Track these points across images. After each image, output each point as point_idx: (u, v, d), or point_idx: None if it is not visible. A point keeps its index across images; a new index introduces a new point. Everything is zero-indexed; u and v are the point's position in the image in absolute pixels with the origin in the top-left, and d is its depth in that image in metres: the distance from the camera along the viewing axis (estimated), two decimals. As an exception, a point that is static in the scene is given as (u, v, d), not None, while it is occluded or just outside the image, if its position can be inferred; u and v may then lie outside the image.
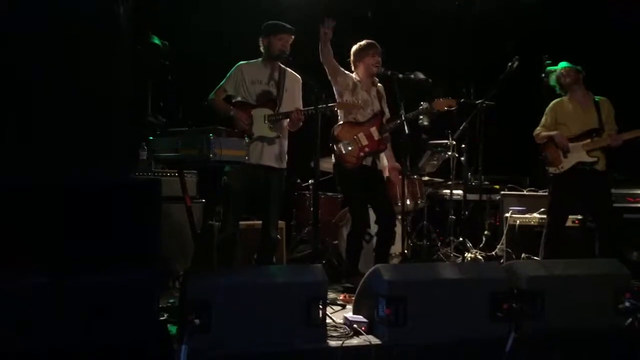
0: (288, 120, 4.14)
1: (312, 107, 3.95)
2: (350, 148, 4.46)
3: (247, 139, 3.64)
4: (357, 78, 4.57)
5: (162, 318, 3.18)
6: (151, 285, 2.83)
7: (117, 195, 2.82)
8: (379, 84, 4.64)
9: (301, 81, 4.26)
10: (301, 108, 4.18)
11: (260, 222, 4.31)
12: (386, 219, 4.58)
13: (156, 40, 4.82)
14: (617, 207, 5.34)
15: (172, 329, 3.07)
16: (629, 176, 5.73)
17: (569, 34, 6.42)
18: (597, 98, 4.78)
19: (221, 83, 4.16)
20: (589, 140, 4.68)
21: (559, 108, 4.88)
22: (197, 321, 2.73)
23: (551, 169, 4.85)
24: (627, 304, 3.45)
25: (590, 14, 6.44)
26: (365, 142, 4.47)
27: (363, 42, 4.54)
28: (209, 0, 5.58)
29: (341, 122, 4.53)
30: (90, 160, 2.84)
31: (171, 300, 3.54)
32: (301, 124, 4.16)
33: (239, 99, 4.12)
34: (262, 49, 4.18)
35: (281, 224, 4.99)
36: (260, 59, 4.21)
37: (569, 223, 5.13)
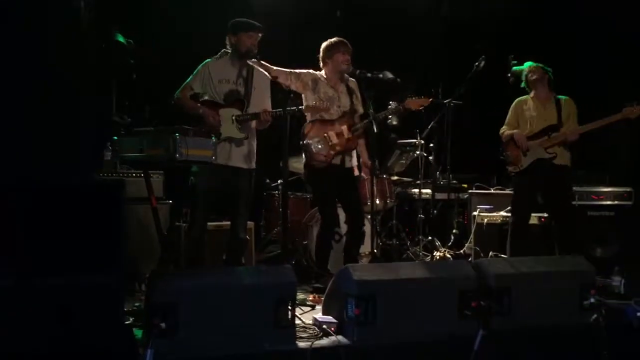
0: (255, 121, 4.10)
1: (280, 109, 3.93)
2: (320, 147, 4.44)
3: (214, 139, 3.59)
4: (322, 75, 4.54)
5: (127, 322, 3.12)
6: (116, 288, 2.76)
7: (80, 196, 2.76)
8: (351, 79, 4.61)
9: (269, 79, 4.22)
10: (269, 107, 4.14)
11: (228, 222, 4.26)
12: (356, 219, 4.57)
13: (120, 39, 4.73)
14: (582, 204, 5.46)
15: (138, 332, 3.01)
16: (592, 174, 5.85)
17: (535, 35, 6.53)
18: (560, 97, 4.87)
19: (187, 80, 4.09)
20: (546, 137, 4.76)
21: (520, 106, 4.97)
22: (162, 325, 2.68)
23: (511, 168, 4.94)
24: (592, 300, 3.51)
25: (556, 14, 6.56)
26: (335, 140, 4.45)
27: (334, 39, 4.52)
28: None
29: (311, 121, 4.51)
30: (53, 160, 2.78)
31: (137, 304, 3.47)
32: (268, 125, 4.12)
33: (206, 97, 4.06)
34: (229, 46, 4.11)
35: (250, 224, 4.94)
36: (227, 56, 4.14)
37: (535, 221, 5.21)
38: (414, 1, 6.50)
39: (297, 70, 4.50)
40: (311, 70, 4.56)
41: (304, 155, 4.53)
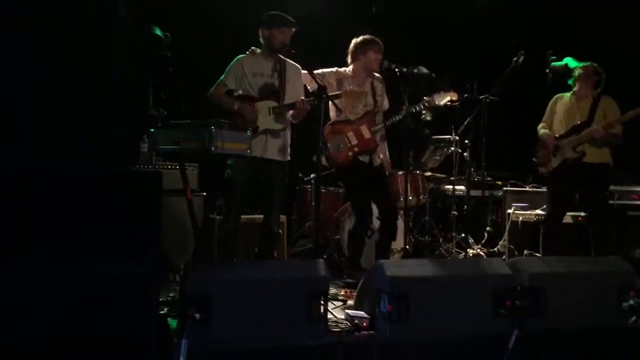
0: (291, 112, 4.10)
1: (316, 96, 3.92)
2: (339, 148, 4.42)
3: (249, 132, 3.61)
4: (348, 72, 4.51)
5: (162, 312, 3.17)
6: (151, 278, 2.80)
7: (118, 187, 2.80)
8: (377, 76, 4.57)
9: (302, 72, 4.22)
10: (304, 98, 4.15)
11: (261, 216, 4.28)
12: (388, 214, 4.55)
13: (158, 32, 4.77)
14: (621, 204, 5.33)
15: (172, 323, 3.05)
16: (632, 173, 5.70)
17: (574, 31, 6.38)
18: (599, 95, 4.74)
19: (221, 77, 4.11)
20: (574, 136, 4.66)
21: (557, 103, 4.88)
22: (197, 315, 2.71)
23: (542, 169, 4.87)
24: (631, 301, 3.42)
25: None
26: (355, 141, 4.43)
27: (367, 36, 4.48)
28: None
29: (331, 122, 4.48)
30: (92, 151, 2.82)
31: (171, 294, 3.52)
32: (305, 114, 4.12)
33: (240, 92, 4.08)
34: (262, 40, 4.12)
35: (282, 218, 4.96)
36: (259, 50, 4.15)
37: (570, 220, 5.12)
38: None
39: (320, 71, 4.45)
40: (335, 69, 4.52)
41: (324, 157, 4.48)
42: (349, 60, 4.54)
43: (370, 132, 4.43)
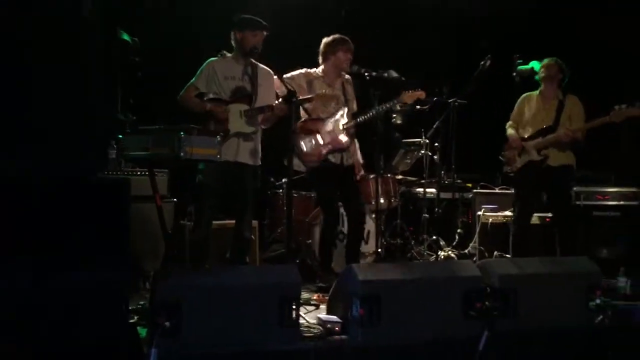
0: (262, 116, 4.09)
1: (287, 101, 3.92)
2: (309, 146, 4.42)
3: (219, 137, 3.58)
4: (318, 72, 4.51)
5: (132, 320, 3.12)
6: (121, 286, 2.77)
7: (85, 194, 2.75)
8: (346, 76, 4.58)
9: (274, 76, 4.22)
10: (273, 102, 4.14)
11: (232, 221, 4.25)
12: (355, 217, 4.55)
13: (125, 37, 4.72)
14: (587, 204, 5.44)
15: (142, 331, 3.01)
16: (597, 174, 5.83)
17: (540, 34, 6.50)
18: (565, 96, 4.83)
19: (192, 80, 4.08)
20: (540, 139, 4.74)
21: (524, 103, 4.96)
22: (167, 323, 2.68)
23: (507, 169, 4.95)
24: (597, 301, 3.49)
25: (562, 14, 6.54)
26: (327, 139, 4.43)
27: (337, 36, 4.48)
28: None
29: (303, 120, 4.47)
30: (58, 157, 2.77)
31: (142, 302, 3.47)
32: (276, 119, 4.11)
33: (210, 95, 4.05)
34: (233, 43, 4.11)
35: (254, 223, 4.94)
36: (229, 54, 4.13)
37: (537, 221, 5.20)
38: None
39: (290, 75, 4.45)
40: (303, 70, 4.52)
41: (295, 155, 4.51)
42: (320, 60, 4.55)
43: (342, 130, 4.44)
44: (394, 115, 5.44)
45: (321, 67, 4.53)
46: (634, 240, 5.39)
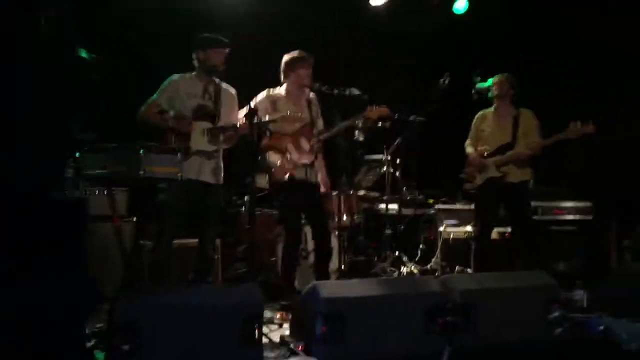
0: (224, 135, 4.07)
1: (260, 120, 3.92)
2: (279, 161, 4.42)
3: (179, 155, 3.55)
4: (280, 92, 4.53)
5: (89, 344, 3.03)
6: (77, 309, 2.69)
7: (41, 214, 2.69)
8: (311, 94, 4.61)
9: (236, 95, 4.21)
10: (235, 122, 4.12)
11: (194, 240, 4.19)
12: (322, 235, 4.56)
13: (84, 54, 4.64)
14: (544, 219, 5.56)
15: (100, 356, 2.93)
16: (555, 189, 5.97)
17: (500, 51, 6.68)
18: (519, 111, 4.94)
19: (153, 97, 4.04)
20: (499, 156, 4.85)
21: (480, 121, 5.07)
22: (126, 347, 2.62)
23: (467, 186, 5.05)
24: (556, 314, 3.56)
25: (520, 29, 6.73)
26: (295, 154, 4.45)
27: (296, 53, 4.49)
28: (140, 15, 5.47)
29: (269, 135, 4.48)
30: (13, 176, 2.70)
31: (99, 325, 3.38)
32: (237, 139, 4.10)
33: (172, 113, 4.02)
34: (195, 62, 4.09)
35: (217, 242, 4.89)
36: (193, 72, 4.12)
37: (497, 236, 5.29)
38: (378, 19, 6.56)
39: (253, 101, 4.44)
40: (266, 93, 4.52)
41: (265, 170, 4.51)
42: (282, 78, 4.56)
43: (309, 144, 4.45)
44: (357, 132, 5.48)
45: (284, 86, 4.54)
46: (589, 254, 5.53)
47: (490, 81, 5.14)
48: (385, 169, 5.76)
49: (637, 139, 6.01)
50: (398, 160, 5.76)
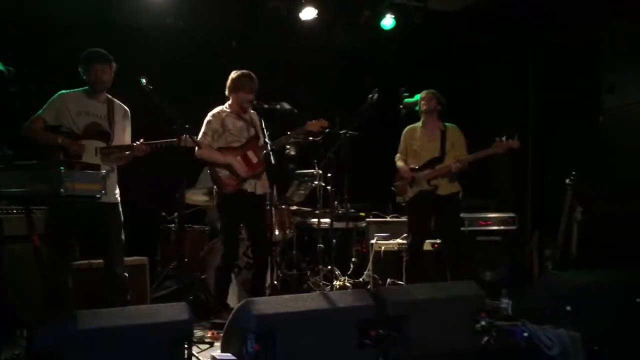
0: (118, 154, 3.95)
1: (160, 142, 3.86)
2: (228, 173, 4.40)
3: (104, 172, 3.41)
4: (226, 109, 4.52)
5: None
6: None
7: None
8: (251, 110, 4.59)
9: (129, 113, 4.11)
10: (129, 141, 4.02)
11: (98, 261, 4.02)
12: (261, 249, 4.52)
13: (0, 66, 4.42)
14: (471, 230, 5.73)
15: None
16: (479, 201, 6.18)
17: (426, 68, 6.88)
18: (445, 125, 5.09)
19: (39, 112, 3.86)
20: (429, 170, 4.98)
21: (409, 135, 5.19)
22: (45, 375, 2.48)
23: (399, 199, 5.18)
24: (482, 323, 3.66)
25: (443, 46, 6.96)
26: (243, 168, 4.43)
27: (242, 75, 4.48)
28: (66, 29, 5.29)
29: (217, 148, 4.47)
30: None
31: (17, 352, 3.19)
32: (132, 158, 3.99)
33: (63, 129, 3.84)
34: (85, 77, 3.95)
35: (144, 259, 4.74)
36: (85, 88, 3.98)
37: (428, 247, 5.40)
38: (309, 35, 6.62)
39: (209, 131, 4.47)
40: (213, 115, 4.51)
41: (213, 183, 4.51)
42: (227, 92, 4.56)
43: (257, 156, 4.42)
44: (288, 147, 5.48)
45: (227, 103, 4.55)
46: (513, 263, 5.74)
47: (417, 96, 5.27)
48: (316, 182, 5.79)
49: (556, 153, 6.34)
50: (329, 174, 5.79)
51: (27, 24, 5.19)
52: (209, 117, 4.53)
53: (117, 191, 3.98)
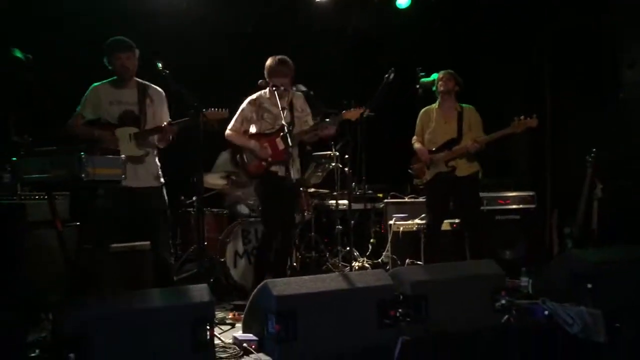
0: (156, 136, 3.99)
1: (185, 119, 3.86)
2: (252, 157, 4.43)
3: (123, 156, 3.45)
4: (264, 95, 4.50)
5: (33, 354, 2.92)
6: (16, 319, 2.58)
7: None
8: (297, 93, 4.60)
9: (164, 95, 4.13)
10: (168, 121, 4.05)
11: (141, 243, 4.10)
12: (287, 232, 4.57)
13: (18, 54, 4.45)
14: (490, 209, 5.70)
15: (44, 366, 2.83)
16: (498, 180, 6.13)
17: (442, 47, 6.80)
18: (462, 106, 5.04)
19: (78, 109, 3.96)
20: (446, 151, 4.94)
21: (425, 117, 5.14)
22: (72, 356, 2.53)
23: (417, 181, 5.13)
24: (502, 301, 3.66)
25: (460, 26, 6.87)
26: (269, 152, 4.43)
27: (275, 61, 4.44)
28: (81, 16, 5.31)
29: (249, 135, 4.49)
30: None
31: (43, 335, 3.26)
32: (170, 138, 4.03)
33: (101, 120, 3.92)
34: (110, 67, 4.01)
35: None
36: (115, 77, 4.03)
37: (447, 227, 5.39)
38: (324, 16, 6.58)
39: (239, 117, 4.48)
40: (251, 100, 4.51)
41: (238, 167, 4.59)
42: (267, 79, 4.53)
43: (284, 144, 4.41)
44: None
45: (268, 88, 4.51)
46: (532, 241, 5.71)
47: (434, 76, 5.22)
48: (334, 164, 5.79)
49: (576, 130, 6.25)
50: (346, 156, 5.78)
51: (42, 12, 5.21)
52: (244, 103, 4.53)
53: (160, 173, 4.04)
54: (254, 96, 4.55)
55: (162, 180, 4.06)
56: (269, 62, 4.49)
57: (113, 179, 3.33)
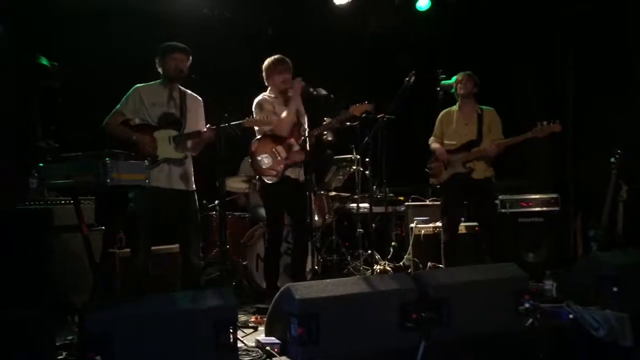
0: (191, 142, 4.04)
1: (225, 124, 3.91)
2: (268, 161, 4.43)
3: (147, 162, 3.50)
4: (272, 95, 4.54)
5: (59, 357, 2.97)
6: (45, 321, 2.63)
7: (3, 226, 2.62)
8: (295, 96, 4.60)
9: (201, 102, 4.19)
10: (205, 128, 4.10)
11: (170, 246, 4.14)
12: (301, 234, 4.56)
13: (44, 61, 4.55)
14: (512, 212, 5.65)
15: (71, 368, 2.88)
16: (519, 182, 6.08)
17: (462, 49, 6.76)
18: (482, 109, 5.02)
19: (117, 107, 3.98)
20: (465, 152, 4.91)
21: (445, 118, 5.11)
22: (98, 358, 2.57)
23: (433, 181, 5.11)
24: (526, 305, 3.62)
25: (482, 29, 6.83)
26: (284, 154, 4.44)
27: (271, 60, 4.51)
28: (104, 22, 5.39)
29: (259, 137, 4.50)
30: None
31: (70, 337, 3.32)
32: (204, 145, 4.08)
33: (137, 121, 3.97)
34: (159, 69, 4.07)
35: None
36: (158, 81, 4.09)
37: (464, 230, 5.36)
38: (344, 18, 6.59)
39: (257, 103, 4.50)
40: (262, 97, 4.53)
41: (255, 173, 4.55)
42: (266, 84, 4.59)
43: (297, 143, 4.44)
44: (325, 133, 5.48)
45: (268, 90, 4.57)
46: (556, 244, 5.64)
47: (454, 78, 5.20)
48: (354, 168, 5.79)
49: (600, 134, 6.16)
50: (367, 159, 5.79)
51: (61, 16, 5.28)
52: (259, 102, 4.50)
53: (192, 179, 4.09)
54: (260, 97, 4.53)
55: (194, 186, 4.11)
56: (266, 62, 4.53)
57: (138, 183, 3.37)
